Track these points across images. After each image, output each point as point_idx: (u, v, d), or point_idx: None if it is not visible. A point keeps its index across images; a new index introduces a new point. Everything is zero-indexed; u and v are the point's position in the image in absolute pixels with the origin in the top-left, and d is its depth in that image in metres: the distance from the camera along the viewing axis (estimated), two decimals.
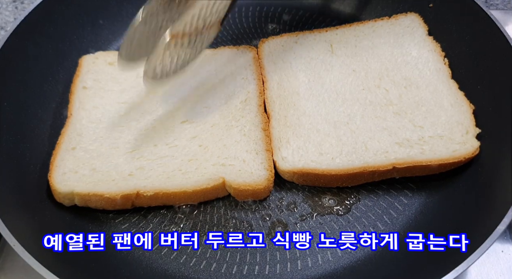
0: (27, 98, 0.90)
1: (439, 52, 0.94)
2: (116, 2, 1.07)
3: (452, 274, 0.65)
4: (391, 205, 0.83)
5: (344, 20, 1.09)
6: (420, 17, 1.00)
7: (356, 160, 0.82)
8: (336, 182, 0.84)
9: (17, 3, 1.23)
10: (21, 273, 0.81)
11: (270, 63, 0.97)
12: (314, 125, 0.88)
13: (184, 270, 0.77)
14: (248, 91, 0.94)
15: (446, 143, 0.83)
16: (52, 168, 0.82)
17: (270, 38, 1.01)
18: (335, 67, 0.95)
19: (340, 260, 0.77)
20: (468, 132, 0.83)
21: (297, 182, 0.85)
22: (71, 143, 0.86)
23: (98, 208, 0.81)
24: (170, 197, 0.81)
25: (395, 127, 0.86)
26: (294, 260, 0.78)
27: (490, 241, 0.66)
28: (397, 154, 0.82)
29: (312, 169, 0.82)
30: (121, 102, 0.92)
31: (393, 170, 0.81)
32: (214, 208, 0.84)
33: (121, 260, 0.77)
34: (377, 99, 0.90)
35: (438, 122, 0.85)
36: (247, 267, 0.77)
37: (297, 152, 0.85)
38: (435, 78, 0.91)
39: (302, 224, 0.81)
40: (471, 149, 0.81)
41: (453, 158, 0.81)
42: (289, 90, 0.93)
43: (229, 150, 0.85)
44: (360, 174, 0.82)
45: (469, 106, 0.86)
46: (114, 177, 0.81)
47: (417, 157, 0.81)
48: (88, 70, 0.97)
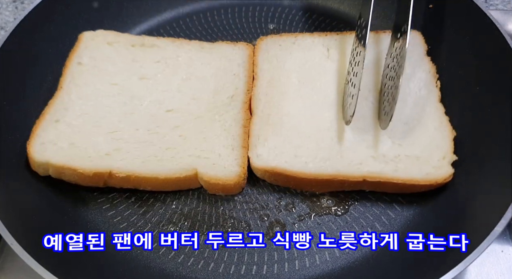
0: (27, 98, 0.91)
1: (433, 73, 0.92)
2: (116, 3, 1.07)
3: (451, 273, 0.65)
4: (389, 206, 0.83)
5: (345, 21, 1.09)
6: (421, 36, 0.98)
7: (329, 167, 0.83)
8: (305, 186, 0.84)
9: (17, 3, 1.23)
10: (21, 273, 0.81)
11: (264, 61, 0.98)
12: (295, 127, 0.88)
13: (182, 270, 0.78)
14: (237, 87, 0.95)
15: (421, 165, 0.82)
16: (32, 137, 0.84)
17: (268, 37, 1.02)
18: (328, 71, 0.95)
19: (338, 260, 0.78)
20: (445, 158, 0.82)
21: (269, 180, 0.86)
22: (56, 116, 0.88)
23: (71, 182, 0.84)
24: (142, 182, 0.83)
25: (374, 140, 0.85)
26: (292, 260, 0.78)
27: (488, 241, 0.67)
28: (370, 167, 0.82)
29: (283, 169, 0.83)
30: (113, 83, 0.94)
31: (363, 182, 0.81)
32: (213, 207, 0.84)
33: (119, 259, 0.78)
34: (362, 110, 0.89)
35: (418, 142, 0.85)
36: (244, 267, 0.78)
37: (273, 151, 0.85)
38: (424, 99, 0.90)
39: (300, 224, 0.82)
40: (444, 175, 0.80)
41: (424, 181, 0.80)
42: (277, 89, 0.93)
43: (208, 143, 0.87)
44: (330, 181, 0.82)
45: (451, 132, 0.85)
46: (90, 154, 0.84)
47: (389, 174, 0.81)
48: (86, 46, 0.98)
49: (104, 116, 0.89)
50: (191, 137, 0.88)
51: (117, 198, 0.85)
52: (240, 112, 0.91)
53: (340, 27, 1.08)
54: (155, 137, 0.87)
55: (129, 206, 0.85)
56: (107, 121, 0.89)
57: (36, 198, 0.82)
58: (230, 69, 0.97)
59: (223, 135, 0.88)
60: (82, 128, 0.87)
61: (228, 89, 0.94)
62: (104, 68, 0.96)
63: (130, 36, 1.02)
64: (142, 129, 0.88)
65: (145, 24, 1.11)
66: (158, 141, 0.87)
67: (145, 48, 0.99)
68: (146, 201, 0.85)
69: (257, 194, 0.86)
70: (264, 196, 0.85)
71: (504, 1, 1.19)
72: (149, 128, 0.88)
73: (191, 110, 0.91)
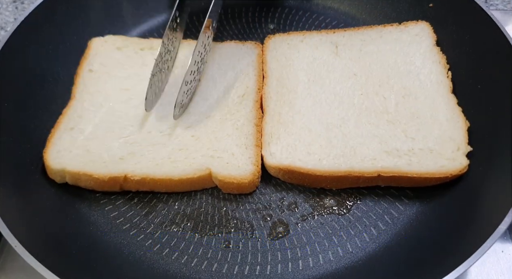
0: (27, 98, 0.91)
1: (444, 64, 0.92)
2: (116, 3, 1.07)
3: (452, 274, 0.65)
4: (392, 205, 0.83)
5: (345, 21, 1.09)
6: (430, 26, 0.98)
7: (343, 163, 0.83)
8: (320, 183, 0.84)
9: (17, 3, 1.23)
10: (22, 273, 0.81)
11: (273, 60, 0.98)
12: (306, 125, 0.88)
13: (186, 271, 0.78)
14: (247, 86, 0.95)
15: (435, 158, 0.82)
16: (48, 145, 0.86)
17: (276, 35, 1.02)
18: (337, 69, 0.95)
19: (342, 260, 0.78)
20: (459, 149, 0.82)
21: (282, 178, 0.86)
22: (70, 124, 0.89)
23: (88, 188, 0.84)
24: (157, 184, 0.84)
25: (386, 135, 0.85)
26: (295, 260, 0.78)
27: (490, 242, 0.67)
28: (384, 162, 0.82)
29: (297, 167, 0.83)
30: (124, 88, 0.95)
31: (378, 178, 0.81)
32: (215, 208, 0.84)
33: (122, 260, 0.78)
34: (373, 105, 0.89)
35: (431, 135, 0.84)
36: (248, 267, 0.78)
37: (286, 149, 0.85)
38: (435, 91, 0.89)
39: (303, 224, 0.82)
40: (459, 167, 0.80)
41: (439, 173, 0.80)
42: (287, 88, 0.94)
43: (220, 142, 0.87)
44: (344, 178, 0.82)
45: (464, 123, 0.85)
46: (105, 159, 0.85)
47: (403, 168, 0.81)
48: (96, 53, 0.99)
49: (117, 121, 0.90)
50: (203, 137, 0.88)
51: (119, 199, 0.85)
52: (251, 110, 0.91)
53: (340, 27, 1.08)
54: (167, 138, 0.88)
55: (132, 207, 0.85)
56: (120, 125, 0.89)
57: (39, 200, 0.82)
58: (240, 68, 0.98)
59: (236, 134, 0.88)
60: (96, 134, 0.88)
61: (239, 88, 0.95)
62: (115, 74, 0.97)
63: (138, 39, 1.03)
64: (154, 131, 0.89)
65: (145, 25, 1.11)
66: (170, 143, 0.87)
67: (154, 51, 0.99)
68: (149, 202, 0.85)
69: (259, 194, 0.86)
70: (267, 196, 0.85)
71: (504, 1, 1.19)
72: (161, 130, 0.89)
73: (202, 110, 0.92)
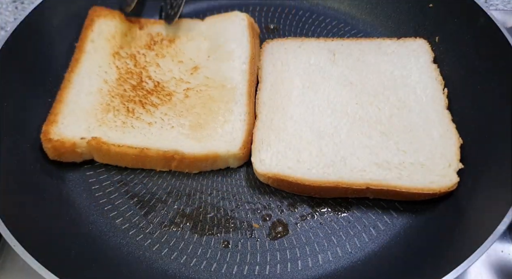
0: (27, 98, 0.90)
1: (440, 81, 0.92)
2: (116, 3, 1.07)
3: (452, 274, 0.65)
4: (391, 205, 0.83)
5: (345, 21, 1.09)
6: (428, 44, 0.98)
7: (332, 174, 0.82)
8: (308, 191, 0.84)
9: (17, 3, 1.23)
10: (22, 273, 0.81)
11: (269, 64, 0.97)
12: (298, 132, 0.87)
13: (185, 270, 0.77)
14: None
15: (425, 173, 0.81)
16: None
17: (274, 40, 1.02)
18: (333, 76, 0.95)
19: (341, 260, 0.78)
20: (450, 166, 0.81)
21: (272, 185, 0.86)
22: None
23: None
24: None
25: (378, 146, 0.85)
26: (294, 260, 0.78)
27: (490, 241, 0.67)
28: (373, 174, 0.81)
29: (286, 175, 0.82)
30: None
31: (366, 190, 0.81)
32: (215, 208, 0.84)
33: (121, 260, 0.78)
34: (367, 115, 0.89)
35: (423, 150, 0.84)
36: (247, 267, 0.78)
37: (275, 156, 0.85)
38: (430, 106, 0.89)
39: (302, 224, 0.82)
40: (448, 183, 0.79)
41: (428, 189, 0.79)
42: (281, 93, 0.93)
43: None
44: (333, 188, 0.81)
45: (457, 140, 0.84)
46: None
47: (392, 181, 0.80)
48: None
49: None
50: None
51: (119, 199, 0.85)
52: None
53: (340, 27, 1.08)
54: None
55: (131, 207, 0.84)
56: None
57: (38, 200, 0.81)
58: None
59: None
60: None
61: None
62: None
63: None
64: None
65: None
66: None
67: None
68: (148, 202, 0.85)
69: (259, 194, 0.86)
70: (266, 197, 0.85)
71: (504, 1, 1.19)
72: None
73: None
